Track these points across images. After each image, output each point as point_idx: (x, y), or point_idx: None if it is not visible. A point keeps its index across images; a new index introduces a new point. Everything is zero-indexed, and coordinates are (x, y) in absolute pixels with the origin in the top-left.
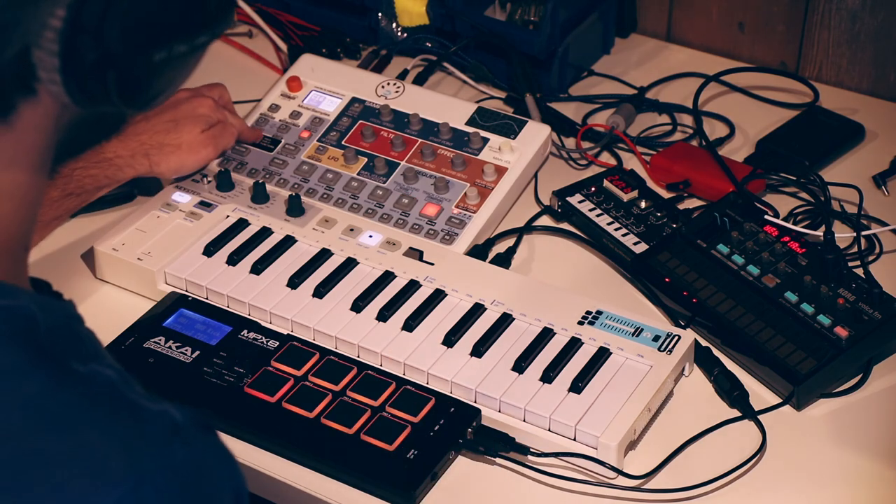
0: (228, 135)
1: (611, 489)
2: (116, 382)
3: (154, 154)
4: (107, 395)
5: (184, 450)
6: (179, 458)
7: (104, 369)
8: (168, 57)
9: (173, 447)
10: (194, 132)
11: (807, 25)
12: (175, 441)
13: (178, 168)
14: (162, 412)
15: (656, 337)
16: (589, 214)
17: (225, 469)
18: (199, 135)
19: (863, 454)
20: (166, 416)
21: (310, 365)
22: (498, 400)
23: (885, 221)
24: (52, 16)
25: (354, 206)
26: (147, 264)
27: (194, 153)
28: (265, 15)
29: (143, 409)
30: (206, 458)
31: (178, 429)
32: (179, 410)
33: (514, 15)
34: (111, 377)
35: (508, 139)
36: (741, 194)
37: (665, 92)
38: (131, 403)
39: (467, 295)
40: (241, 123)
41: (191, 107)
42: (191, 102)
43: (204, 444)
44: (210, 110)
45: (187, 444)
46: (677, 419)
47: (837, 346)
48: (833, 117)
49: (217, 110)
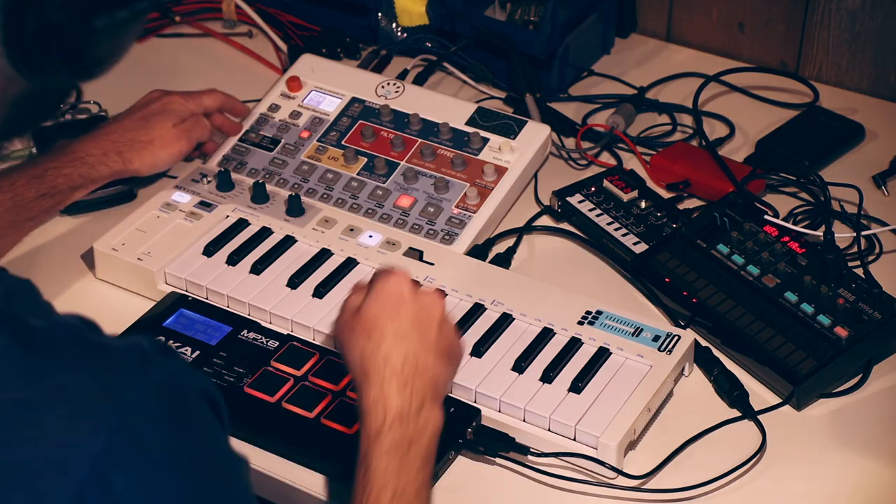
0: (201, 127)
1: (611, 489)
2: (80, 327)
3: (126, 151)
4: (72, 340)
5: (157, 372)
6: (156, 381)
7: (64, 318)
8: (110, 23)
9: (148, 373)
10: (165, 126)
11: (807, 25)
12: (148, 367)
13: (152, 163)
14: (130, 344)
15: (656, 337)
16: (589, 214)
17: (194, 379)
18: (170, 129)
19: (863, 454)
20: (135, 347)
21: (310, 365)
22: (498, 400)
23: (885, 221)
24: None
25: (354, 206)
26: (147, 264)
27: (167, 147)
28: (265, 15)
29: (110, 345)
30: (177, 375)
31: (147, 355)
32: (145, 339)
33: (514, 15)
34: (73, 322)
35: (508, 139)
36: (741, 194)
37: (665, 92)
38: (97, 343)
39: (467, 295)
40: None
41: (160, 104)
42: (160, 100)
43: (172, 363)
44: (180, 105)
45: (158, 366)
46: (677, 419)
47: (837, 346)
48: (833, 117)
49: (187, 102)
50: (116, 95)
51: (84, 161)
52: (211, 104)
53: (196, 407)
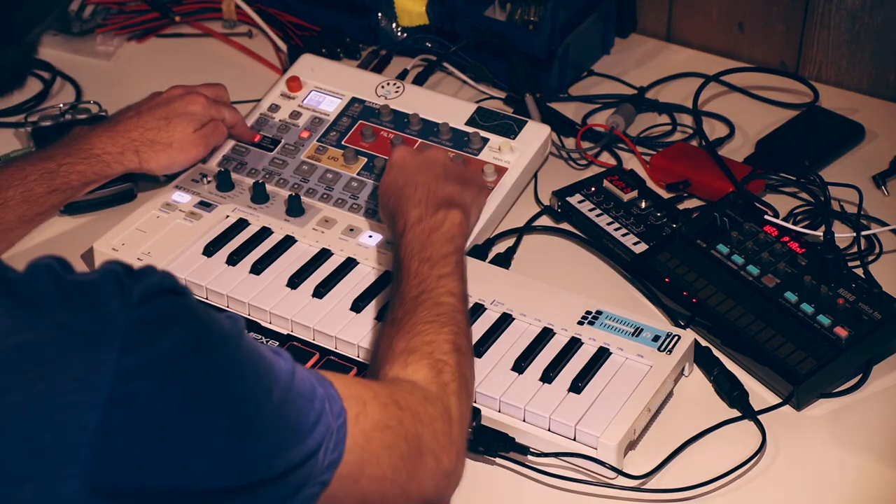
0: (220, 133)
1: (611, 489)
2: (54, 266)
3: (144, 151)
4: (51, 282)
5: (138, 286)
6: (140, 292)
7: (36, 261)
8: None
9: (130, 289)
10: (186, 131)
11: (807, 25)
12: (127, 284)
13: (168, 165)
14: (104, 271)
15: (656, 337)
16: (589, 214)
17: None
18: (190, 133)
19: (863, 454)
20: (110, 272)
21: (310, 365)
22: (498, 400)
23: (885, 221)
24: None
25: (354, 207)
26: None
27: (185, 151)
28: (265, 15)
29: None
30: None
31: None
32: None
33: (514, 15)
34: (47, 263)
35: (508, 139)
36: (741, 194)
37: (665, 92)
38: (76, 281)
39: None
40: (236, 118)
41: (183, 104)
42: (183, 99)
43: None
44: (202, 108)
45: (135, 280)
46: (677, 419)
47: (837, 346)
48: (833, 117)
49: (210, 108)
50: (116, 95)
51: (100, 159)
52: (229, 119)
53: (184, 302)
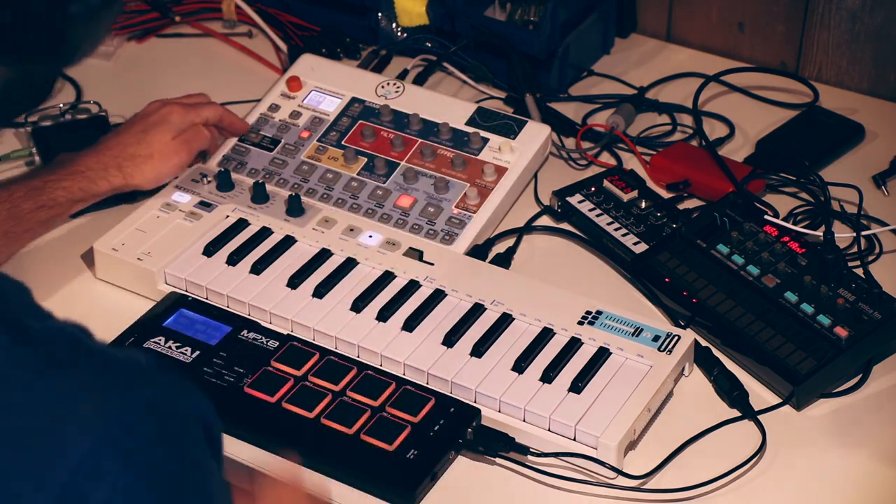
0: (201, 137)
1: (611, 489)
2: (76, 333)
3: (127, 166)
4: (67, 346)
5: (151, 390)
6: (147, 398)
7: (62, 324)
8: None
9: (142, 388)
10: (164, 139)
11: (807, 25)
12: (142, 382)
13: (154, 178)
14: (127, 357)
15: (656, 337)
16: (589, 214)
17: (189, 401)
18: (169, 141)
19: (863, 454)
20: (130, 360)
21: (310, 365)
22: (498, 400)
23: (885, 221)
24: None
25: (354, 206)
26: (147, 264)
27: (166, 160)
28: (265, 15)
29: (106, 354)
30: (171, 395)
31: (142, 370)
32: (143, 355)
33: (514, 15)
34: (71, 329)
35: (508, 139)
36: (741, 194)
37: (665, 92)
38: (93, 351)
39: (467, 295)
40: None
41: (159, 115)
42: (159, 111)
43: (167, 381)
44: (179, 115)
45: (154, 385)
46: (677, 419)
47: (837, 346)
48: (833, 117)
49: (186, 114)
50: (116, 95)
51: (84, 175)
52: (211, 116)
53: (185, 429)
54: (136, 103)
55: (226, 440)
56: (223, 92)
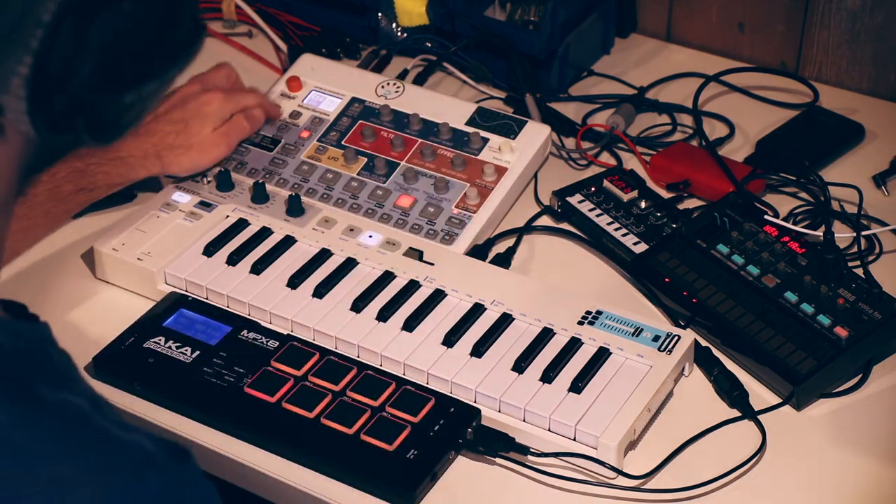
0: (241, 128)
1: (611, 489)
2: (87, 411)
3: (166, 155)
4: (76, 426)
5: (157, 481)
6: (153, 490)
7: (75, 397)
8: (138, 97)
9: (146, 479)
10: (205, 131)
11: (807, 25)
12: (148, 472)
13: (191, 167)
14: (134, 443)
15: (656, 337)
16: (589, 214)
17: (197, 495)
18: (210, 134)
19: (863, 454)
20: (138, 447)
21: (310, 365)
22: (498, 400)
23: (885, 221)
24: (19, 62)
25: (354, 206)
26: (147, 264)
27: (206, 153)
28: (265, 15)
29: (114, 438)
30: (183, 489)
31: (151, 459)
32: (152, 439)
33: (514, 15)
34: (82, 406)
35: (508, 139)
36: (741, 194)
37: (665, 92)
38: (102, 433)
39: (467, 295)
40: (258, 99)
41: (198, 104)
42: (198, 100)
43: (180, 474)
44: (219, 107)
45: (161, 475)
46: (677, 419)
47: (837, 346)
48: (833, 117)
49: (226, 103)
50: None
51: (125, 161)
52: (251, 103)
53: None
54: None
55: (226, 440)
56: None
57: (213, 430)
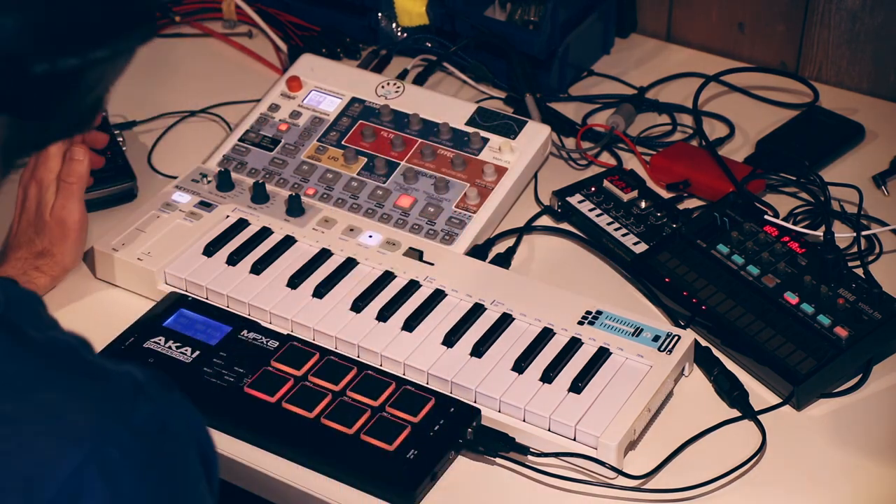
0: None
1: (611, 489)
2: (76, 346)
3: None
4: (66, 358)
5: (147, 406)
6: (143, 415)
7: (63, 335)
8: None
9: (137, 404)
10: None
11: (807, 25)
12: (138, 399)
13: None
14: (124, 372)
15: (656, 337)
16: (589, 214)
17: (189, 426)
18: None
19: (863, 454)
20: (128, 376)
21: (310, 365)
22: (498, 400)
23: (885, 221)
24: None
25: (354, 206)
26: (147, 264)
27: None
28: (265, 15)
29: (105, 369)
30: (170, 415)
31: (140, 387)
32: (141, 370)
33: (514, 15)
34: (71, 342)
35: (508, 139)
36: (741, 194)
37: (665, 92)
38: (92, 364)
39: (467, 295)
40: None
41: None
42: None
43: (167, 401)
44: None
45: (150, 401)
46: (677, 419)
47: (837, 346)
48: (833, 117)
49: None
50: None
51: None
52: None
53: (178, 450)
54: (136, 103)
55: (226, 440)
56: (223, 92)
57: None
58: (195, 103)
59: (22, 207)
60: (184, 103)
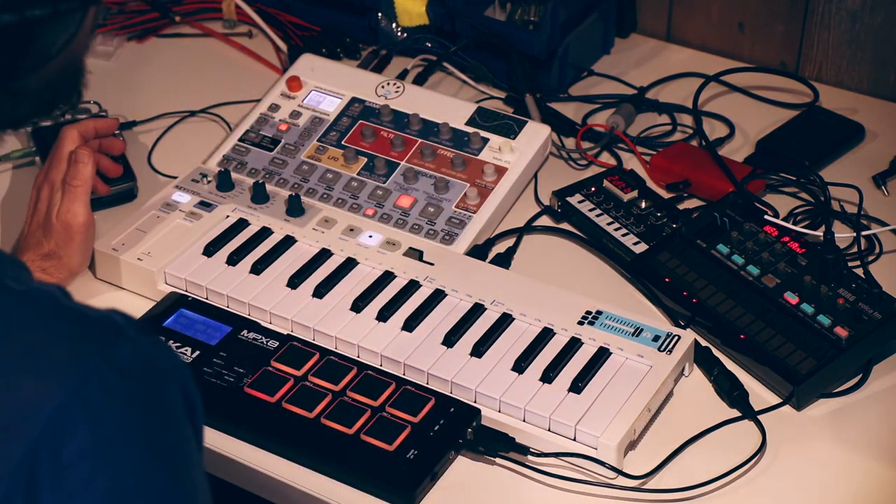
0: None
1: (611, 489)
2: (55, 293)
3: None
4: (47, 303)
5: (128, 346)
6: (125, 354)
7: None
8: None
9: (118, 344)
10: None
11: (807, 25)
12: (119, 339)
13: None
14: (104, 316)
15: (656, 337)
16: (589, 214)
17: (170, 365)
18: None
19: (863, 454)
20: (109, 318)
21: (310, 365)
22: (498, 400)
23: (885, 221)
24: None
25: (354, 206)
26: (147, 264)
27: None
28: (265, 15)
29: (85, 313)
30: (152, 355)
31: (121, 328)
32: (121, 315)
33: (514, 15)
34: (52, 291)
35: (508, 139)
36: (741, 194)
37: (665, 92)
38: (73, 309)
39: (467, 295)
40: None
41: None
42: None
43: (149, 342)
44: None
45: (131, 341)
46: (677, 419)
47: (837, 346)
48: (833, 117)
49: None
50: (116, 95)
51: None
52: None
53: (161, 389)
54: (136, 103)
55: (226, 440)
56: (223, 92)
57: (212, 430)
58: (195, 103)
59: (33, 209)
60: (184, 103)
